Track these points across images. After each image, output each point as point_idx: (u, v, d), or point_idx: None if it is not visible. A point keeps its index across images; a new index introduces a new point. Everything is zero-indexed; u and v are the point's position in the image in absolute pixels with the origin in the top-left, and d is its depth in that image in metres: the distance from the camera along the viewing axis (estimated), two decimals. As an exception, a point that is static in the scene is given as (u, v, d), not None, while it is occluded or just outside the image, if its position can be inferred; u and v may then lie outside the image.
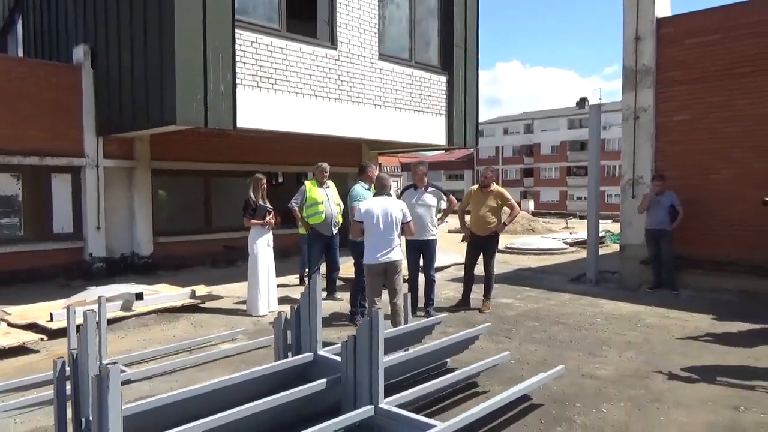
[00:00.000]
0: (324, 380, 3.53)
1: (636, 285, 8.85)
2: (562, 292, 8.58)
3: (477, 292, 7.60)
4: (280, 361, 4.04)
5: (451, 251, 11.56)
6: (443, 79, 11.55)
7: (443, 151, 14.81)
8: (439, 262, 10.35)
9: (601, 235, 15.09)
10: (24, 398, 4.10)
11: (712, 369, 4.97)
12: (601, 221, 17.85)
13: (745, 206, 6.39)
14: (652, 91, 8.91)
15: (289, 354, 4.31)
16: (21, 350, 5.55)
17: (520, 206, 33.52)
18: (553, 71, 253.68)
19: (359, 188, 6.76)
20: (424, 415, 3.45)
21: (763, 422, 3.83)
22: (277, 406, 3.32)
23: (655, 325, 6.59)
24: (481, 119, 13.65)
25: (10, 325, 6.18)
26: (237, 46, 8.17)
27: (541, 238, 15.56)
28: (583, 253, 12.10)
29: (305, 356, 4.00)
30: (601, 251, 12.48)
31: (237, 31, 8.16)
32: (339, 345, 3.78)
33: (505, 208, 7.45)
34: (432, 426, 3.08)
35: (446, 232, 18.32)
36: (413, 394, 3.58)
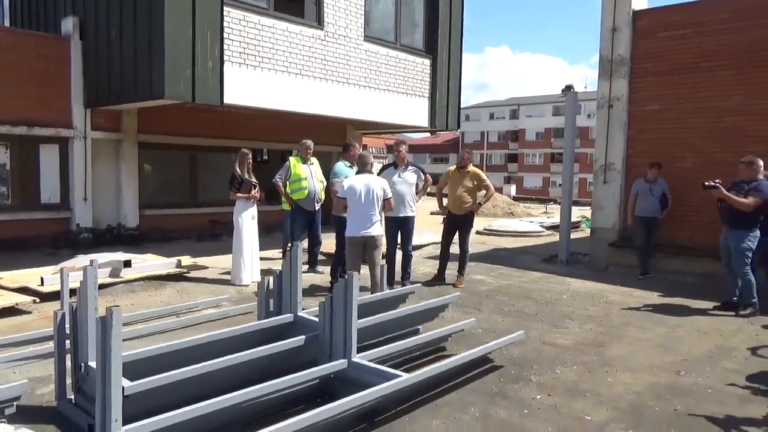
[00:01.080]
0: (303, 337, 3.87)
1: (604, 266, 9.30)
2: (534, 271, 9.00)
3: (452, 268, 7.96)
4: (262, 320, 4.37)
5: (430, 231, 11.92)
6: (427, 62, 11.81)
7: (429, 135, 15.09)
8: (418, 240, 10.74)
9: (577, 219, 15.64)
10: (22, 351, 4.38)
11: (662, 339, 5.41)
12: (580, 208, 18.36)
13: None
14: (626, 81, 9.27)
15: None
16: (13, 311, 5.81)
17: (501, 191, 33.57)
18: (541, 57, 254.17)
19: (341, 165, 7.06)
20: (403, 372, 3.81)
21: (698, 383, 4.26)
22: (259, 358, 3.66)
23: (617, 301, 7.03)
24: (467, 103, 14.00)
25: (1, 288, 6.42)
26: (225, 23, 8.35)
27: (519, 221, 16.00)
28: (558, 236, 12.54)
29: (286, 317, 4.34)
30: (576, 235, 13.00)
31: (225, 8, 8.34)
32: (317, 307, 4.10)
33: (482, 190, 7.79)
34: (398, 376, 3.44)
35: (428, 213, 18.69)
36: (383, 351, 3.94)
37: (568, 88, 10.21)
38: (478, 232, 14.22)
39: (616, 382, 4.26)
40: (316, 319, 4.06)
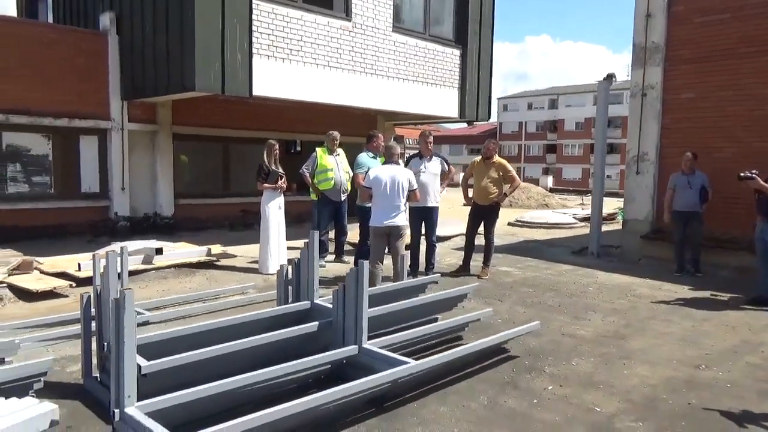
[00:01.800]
0: (316, 323, 3.96)
1: (636, 259, 9.11)
2: (562, 263, 8.90)
3: (478, 260, 7.95)
4: (280, 307, 4.49)
5: (460, 221, 11.88)
6: (457, 52, 11.73)
7: (465, 125, 15.03)
8: (445, 231, 10.75)
9: (612, 211, 15.33)
10: (56, 331, 4.62)
11: (687, 333, 5.30)
12: (618, 199, 17.94)
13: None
14: (661, 69, 9.03)
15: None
16: (52, 294, 6.12)
17: (537, 182, 33.24)
18: (583, 46, 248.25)
19: (364, 156, 7.12)
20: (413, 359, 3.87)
21: (718, 378, 4.17)
22: (274, 342, 3.77)
23: (645, 294, 6.90)
24: (506, 93, 13.84)
25: (42, 272, 6.76)
26: (254, 16, 8.49)
27: (552, 213, 15.79)
28: (590, 228, 12.33)
29: (303, 304, 4.44)
30: (611, 227, 12.76)
31: (254, 1, 8.47)
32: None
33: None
34: (406, 363, 3.50)
35: (461, 204, 18.62)
36: (395, 339, 4.00)
37: (610, 77, 9.96)
38: (509, 224, 14.12)
39: (632, 374, 4.21)
40: (331, 306, 4.15)
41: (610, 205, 16.40)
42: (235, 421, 2.68)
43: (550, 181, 41.25)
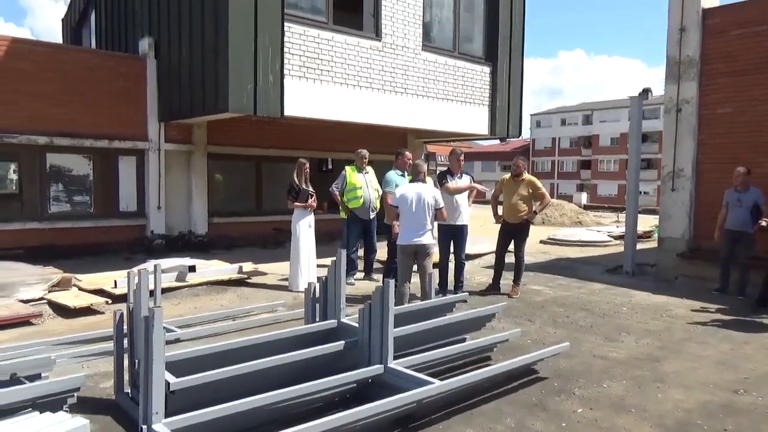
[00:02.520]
0: (342, 342, 3.98)
1: (672, 278, 8.87)
2: (595, 282, 8.71)
3: (508, 278, 7.86)
4: (307, 325, 4.52)
5: (490, 239, 11.78)
6: (487, 69, 11.74)
7: (498, 142, 14.96)
8: (476, 249, 10.68)
9: (648, 229, 14.97)
10: (91, 348, 4.75)
11: (725, 356, 5.12)
12: (655, 216, 17.50)
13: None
14: (696, 83, 8.86)
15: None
16: (89, 311, 6.30)
17: (571, 199, 32.61)
18: (618, 60, 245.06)
19: (392, 174, 7.16)
20: (438, 380, 3.84)
21: (757, 403, 4.01)
22: (300, 361, 3.80)
23: (681, 315, 6.69)
24: (539, 109, 13.76)
25: (80, 289, 6.97)
26: (286, 39, 8.68)
27: (586, 230, 15.51)
28: (625, 246, 12.06)
29: (329, 322, 4.47)
30: (647, 245, 12.46)
31: (286, 24, 8.67)
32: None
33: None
34: (431, 383, 3.47)
35: (492, 222, 18.47)
36: (420, 358, 3.98)
37: (646, 92, 9.79)
38: (541, 241, 13.93)
39: (665, 398, 4.09)
40: (358, 325, 4.16)
41: (646, 222, 16.04)
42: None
43: (584, 197, 40.53)
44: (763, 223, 5.90)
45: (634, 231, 9.67)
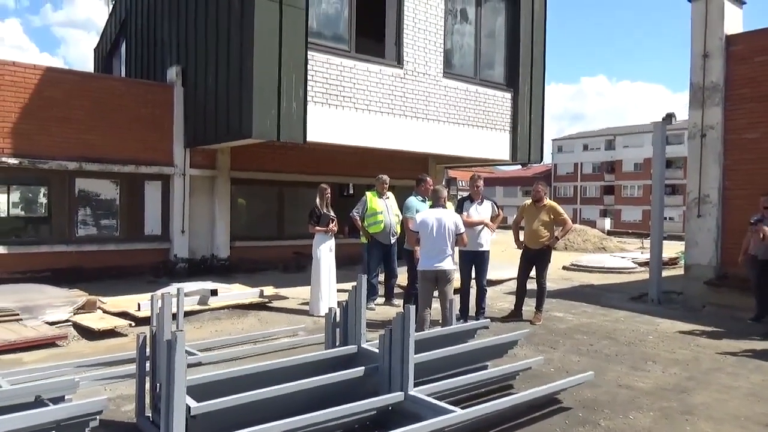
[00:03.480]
0: (362, 368, 3.95)
1: (699, 306, 8.67)
2: (619, 310, 8.56)
3: (530, 305, 7.76)
4: (327, 351, 4.51)
5: (512, 265, 11.67)
6: (508, 95, 11.78)
7: (519, 167, 14.91)
8: (499, 275, 10.59)
9: (674, 255, 14.69)
10: (113, 370, 4.80)
11: (757, 387, 4.96)
12: (679, 242, 17.19)
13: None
14: (721, 109, 8.77)
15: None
16: (112, 333, 6.38)
17: (594, 225, 32.22)
18: (641, 85, 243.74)
19: (412, 200, 7.20)
20: (460, 408, 3.79)
21: (792, 438, 3.87)
22: (320, 387, 3.78)
23: (710, 345, 6.52)
24: (561, 134, 13.71)
25: (105, 312, 7.07)
26: (309, 67, 8.84)
27: (610, 257, 15.27)
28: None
29: (350, 348, 4.45)
30: (673, 272, 12.22)
31: (309, 52, 8.84)
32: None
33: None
34: (452, 411, 3.43)
35: (514, 248, 18.33)
36: (442, 386, 3.94)
37: (669, 117, 9.75)
38: (564, 267, 13.76)
39: (694, 431, 3.96)
40: (378, 351, 4.14)
41: (672, 248, 15.74)
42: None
43: (608, 223, 40.03)
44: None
45: (660, 258, 9.50)
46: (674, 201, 48.35)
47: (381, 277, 8.53)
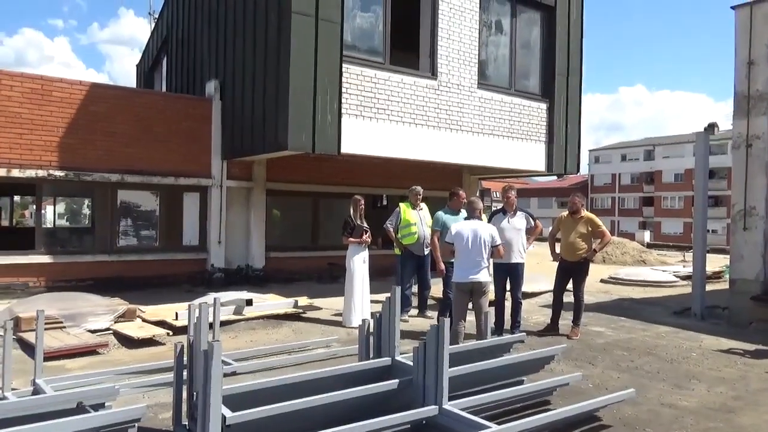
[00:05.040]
0: (396, 381, 3.93)
1: (745, 322, 8.34)
2: (661, 325, 8.30)
3: (567, 318, 7.60)
4: (361, 362, 4.49)
5: (548, 277, 11.47)
6: (543, 106, 11.65)
7: (555, 178, 14.72)
8: (535, 287, 10.42)
9: (719, 269, 14.19)
10: (152, 378, 4.89)
11: (809, 410, 4.73)
12: (725, 256, 16.61)
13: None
14: (767, 118, 8.46)
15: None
16: (151, 342, 6.51)
17: (633, 237, 31.41)
18: (681, 95, 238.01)
19: (441, 213, 7.23)
20: (495, 424, 3.73)
21: None
22: (355, 398, 3.77)
23: (757, 363, 6.26)
24: (598, 145, 13.49)
25: (144, 321, 7.23)
26: (344, 79, 8.93)
27: (650, 270, 14.85)
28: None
29: (383, 360, 4.43)
30: (717, 286, 11.81)
31: (344, 65, 8.92)
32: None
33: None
34: (488, 427, 3.36)
35: (550, 260, 18.03)
36: (476, 400, 3.87)
37: (711, 127, 9.49)
38: (602, 281, 13.45)
39: (743, 454, 3.80)
40: (412, 364, 4.11)
41: (716, 262, 15.23)
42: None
43: (647, 235, 38.97)
44: None
45: (703, 271, 9.21)
46: (717, 213, 46.89)
47: (414, 289, 8.49)
